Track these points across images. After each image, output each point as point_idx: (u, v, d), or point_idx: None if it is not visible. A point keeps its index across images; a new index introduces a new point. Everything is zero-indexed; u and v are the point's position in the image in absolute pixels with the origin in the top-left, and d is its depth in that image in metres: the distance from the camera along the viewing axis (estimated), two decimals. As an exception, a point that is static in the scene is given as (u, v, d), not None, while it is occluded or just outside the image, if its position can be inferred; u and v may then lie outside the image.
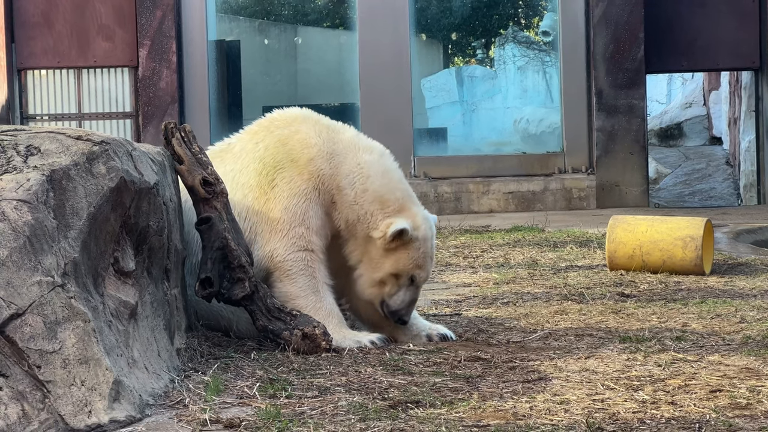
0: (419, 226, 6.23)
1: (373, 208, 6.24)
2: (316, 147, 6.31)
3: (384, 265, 6.22)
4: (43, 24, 16.62)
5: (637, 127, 16.59)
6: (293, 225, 6.21)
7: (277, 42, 21.45)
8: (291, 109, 6.58)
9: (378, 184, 6.26)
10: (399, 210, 6.24)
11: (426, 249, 6.26)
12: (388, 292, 6.25)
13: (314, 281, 6.22)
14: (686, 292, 8.06)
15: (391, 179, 6.32)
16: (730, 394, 4.88)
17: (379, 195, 6.25)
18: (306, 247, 6.22)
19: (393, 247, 6.20)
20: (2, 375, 4.43)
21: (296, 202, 6.23)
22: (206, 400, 4.89)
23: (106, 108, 16.89)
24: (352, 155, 6.32)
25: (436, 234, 6.58)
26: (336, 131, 6.43)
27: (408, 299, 6.26)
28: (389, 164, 6.39)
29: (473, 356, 5.82)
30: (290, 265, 6.20)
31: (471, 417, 4.59)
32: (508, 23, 21.61)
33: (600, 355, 5.78)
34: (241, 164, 6.37)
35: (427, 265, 6.29)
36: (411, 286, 6.26)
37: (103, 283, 4.91)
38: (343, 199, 6.26)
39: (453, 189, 16.42)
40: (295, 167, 6.27)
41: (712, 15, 16.96)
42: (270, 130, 6.43)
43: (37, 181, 4.66)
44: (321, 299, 6.21)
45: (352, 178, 6.26)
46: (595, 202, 16.42)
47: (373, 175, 6.28)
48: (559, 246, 10.91)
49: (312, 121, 6.46)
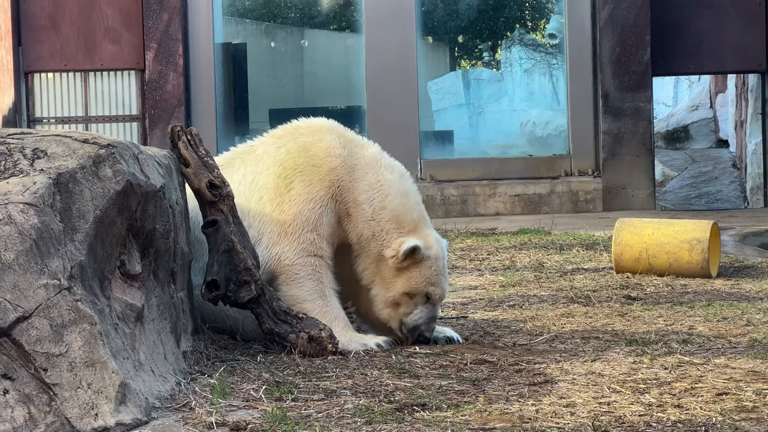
0: (431, 245, 6.28)
1: (389, 227, 6.27)
2: (340, 158, 6.34)
3: (396, 285, 6.26)
4: (50, 27, 16.65)
5: (644, 130, 16.57)
6: (305, 230, 6.24)
7: (284, 45, 21.46)
8: (318, 119, 6.62)
9: (396, 204, 6.30)
10: (413, 230, 6.29)
11: (438, 267, 6.28)
12: (404, 311, 6.29)
13: (321, 286, 6.24)
14: (693, 295, 8.05)
15: (408, 200, 6.37)
16: (736, 397, 4.88)
17: (396, 214, 6.29)
18: (315, 253, 6.24)
19: (405, 266, 6.23)
20: (9, 378, 4.43)
21: (311, 207, 6.25)
22: (212, 403, 4.89)
23: (112, 111, 16.91)
24: (373, 172, 6.35)
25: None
26: (360, 146, 6.47)
27: (425, 317, 6.28)
28: (408, 185, 6.44)
29: (479, 359, 5.82)
30: (298, 270, 6.22)
31: (477, 420, 4.59)
32: (514, 26, 21.59)
33: (606, 358, 5.78)
34: (262, 167, 6.40)
35: (442, 283, 6.31)
36: (427, 303, 6.28)
37: (109, 286, 4.91)
38: (359, 214, 6.29)
39: (459, 192, 16.41)
40: (315, 173, 6.30)
41: (719, 17, 16.93)
42: (294, 136, 6.47)
43: (44, 185, 4.67)
44: (327, 303, 6.23)
45: (371, 194, 6.30)
46: (601, 204, 16.41)
47: (392, 194, 6.31)
48: (566, 249, 10.90)
49: (337, 132, 6.49)
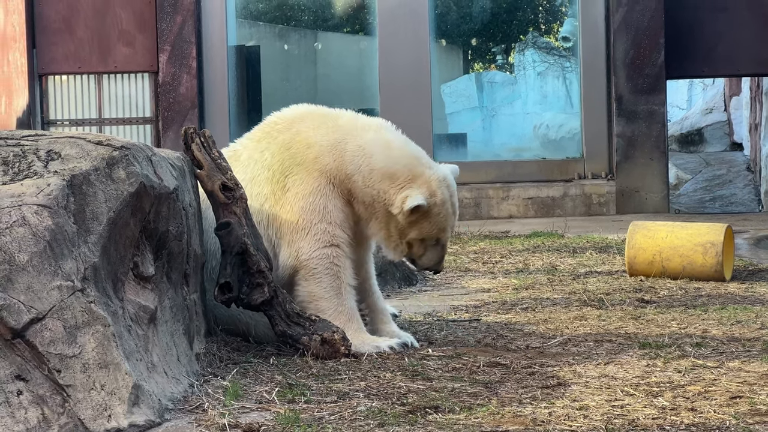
0: (435, 191, 6.24)
1: (384, 186, 6.25)
2: (317, 145, 6.32)
3: (409, 233, 6.30)
4: (65, 30, 16.69)
5: (658, 133, 16.53)
6: (314, 222, 6.23)
7: (297, 47, 21.47)
8: (288, 110, 6.61)
9: (382, 161, 6.26)
10: (411, 179, 6.25)
11: (446, 211, 6.29)
12: (416, 252, 6.36)
13: (338, 282, 6.23)
14: (706, 299, 8.03)
15: (392, 151, 6.30)
16: (750, 400, 4.86)
17: (385, 171, 6.25)
18: (331, 242, 6.23)
19: (414, 219, 6.23)
20: (22, 379, 4.44)
21: (312, 200, 6.25)
22: (225, 404, 4.90)
23: (126, 113, 16.94)
24: (352, 139, 6.33)
25: (455, 228, 6.58)
26: (334, 119, 6.45)
27: (437, 257, 6.39)
28: (389, 136, 6.38)
29: (492, 362, 5.81)
30: (315, 264, 6.21)
31: (490, 422, 4.59)
32: (528, 29, 21.57)
33: (619, 361, 5.77)
34: (251, 174, 6.39)
35: (450, 225, 6.37)
36: (437, 245, 6.36)
37: (122, 287, 4.92)
38: (354, 186, 6.28)
39: (473, 194, 16.40)
40: (303, 169, 6.30)
41: (734, 20, 16.87)
42: (272, 135, 6.46)
43: (58, 186, 4.68)
44: (343, 302, 6.22)
45: (357, 163, 6.27)
46: (614, 207, 16.37)
47: (375, 153, 6.28)
48: (579, 252, 10.89)
49: (309, 117, 6.48)
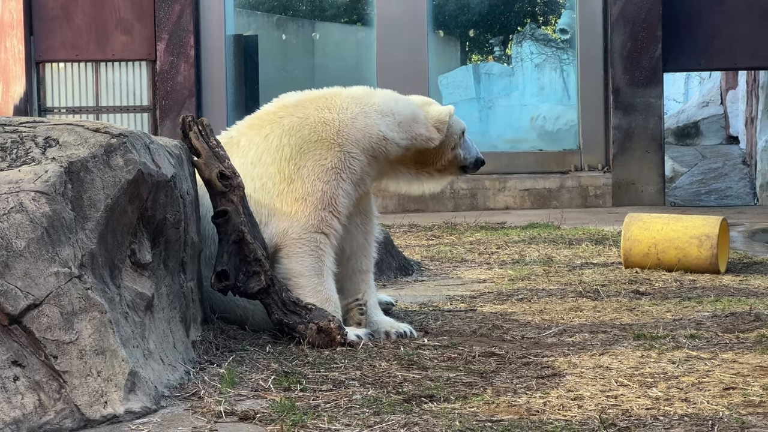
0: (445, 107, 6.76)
1: (417, 129, 6.59)
2: (337, 121, 6.36)
3: (448, 145, 6.70)
4: (62, 17, 16.68)
5: (654, 126, 16.55)
6: (318, 208, 6.21)
7: (295, 37, 21.45)
8: (285, 97, 6.62)
9: (402, 112, 6.59)
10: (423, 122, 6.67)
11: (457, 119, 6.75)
12: (461, 158, 6.77)
13: (320, 264, 6.23)
14: (701, 291, 8.05)
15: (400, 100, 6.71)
16: (743, 391, 4.88)
17: (412, 116, 6.61)
18: (323, 230, 6.23)
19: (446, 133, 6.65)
20: (19, 365, 4.46)
21: (328, 179, 6.26)
22: (221, 392, 4.91)
23: (123, 101, 16.95)
24: (367, 108, 6.48)
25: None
26: (332, 97, 6.52)
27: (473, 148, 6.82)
28: (387, 92, 6.73)
29: (487, 352, 5.83)
30: (302, 245, 6.20)
31: (485, 412, 4.61)
32: (525, 21, 21.56)
33: (614, 352, 5.79)
34: (252, 158, 6.35)
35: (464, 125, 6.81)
36: (465, 140, 6.80)
37: (119, 274, 4.93)
38: (389, 146, 6.48)
39: (469, 185, 16.42)
40: (321, 145, 6.29)
41: (731, 14, 16.88)
42: (275, 121, 6.41)
43: (55, 173, 4.69)
44: (323, 282, 6.22)
45: (387, 123, 6.50)
46: (611, 200, 16.40)
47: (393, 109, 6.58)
48: (575, 243, 10.91)
49: (310, 100, 6.50)
